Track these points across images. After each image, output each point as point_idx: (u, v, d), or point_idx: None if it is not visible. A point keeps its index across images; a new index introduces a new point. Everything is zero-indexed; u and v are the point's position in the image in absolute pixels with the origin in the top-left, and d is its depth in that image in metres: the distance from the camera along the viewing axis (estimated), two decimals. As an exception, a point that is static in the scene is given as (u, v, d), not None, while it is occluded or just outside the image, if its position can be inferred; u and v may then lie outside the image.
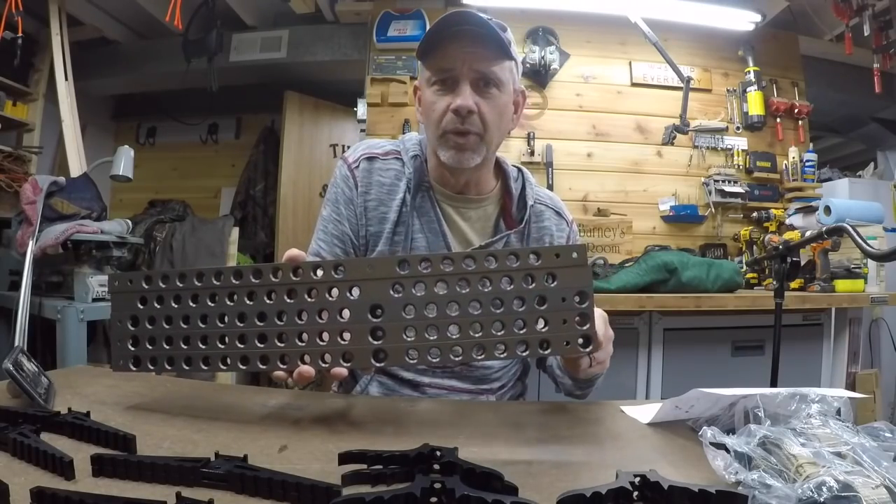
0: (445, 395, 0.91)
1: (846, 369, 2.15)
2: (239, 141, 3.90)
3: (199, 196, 3.74)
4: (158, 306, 0.65)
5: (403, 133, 2.65)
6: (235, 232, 2.96)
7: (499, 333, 0.61)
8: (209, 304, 0.64)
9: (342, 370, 0.61)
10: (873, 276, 2.24)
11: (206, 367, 0.63)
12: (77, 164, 2.54)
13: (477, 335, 0.61)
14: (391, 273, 0.62)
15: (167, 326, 0.65)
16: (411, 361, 0.61)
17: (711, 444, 0.50)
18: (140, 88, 3.65)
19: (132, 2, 2.89)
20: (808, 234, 1.77)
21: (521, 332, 0.61)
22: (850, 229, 1.07)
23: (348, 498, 0.42)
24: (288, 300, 0.63)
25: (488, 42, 0.83)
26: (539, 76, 2.77)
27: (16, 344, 1.70)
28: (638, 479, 0.43)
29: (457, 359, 0.61)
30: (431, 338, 0.61)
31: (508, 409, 0.70)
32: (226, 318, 0.64)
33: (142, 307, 0.66)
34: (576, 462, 0.56)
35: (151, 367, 0.65)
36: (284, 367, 0.62)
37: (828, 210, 2.24)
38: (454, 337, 0.61)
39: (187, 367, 0.64)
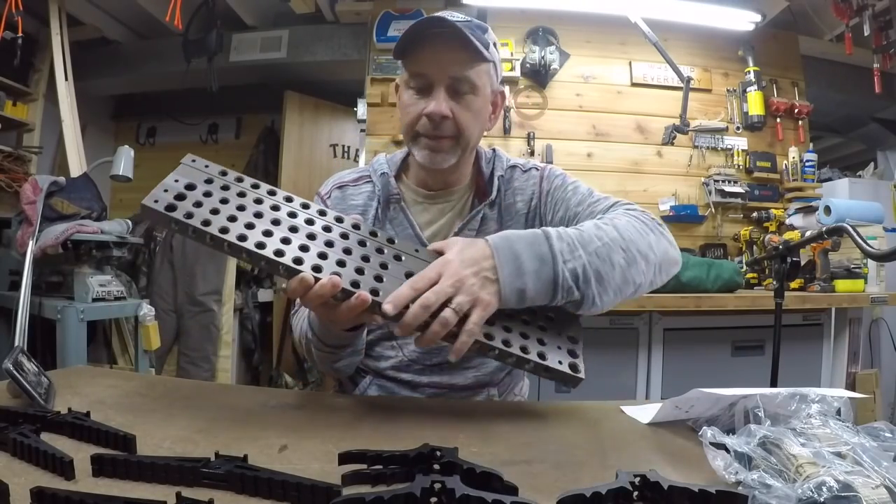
0: (445, 393, 0.91)
1: (846, 369, 2.15)
2: (239, 141, 3.90)
3: (200, 196, 3.74)
4: (222, 190, 0.69)
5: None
6: (236, 232, 2.96)
7: (506, 331, 0.68)
8: (269, 209, 0.69)
9: (367, 297, 0.63)
10: (873, 276, 2.24)
11: (238, 242, 0.64)
12: (77, 164, 2.54)
13: (487, 325, 0.66)
14: (431, 259, 0.71)
15: (220, 203, 0.67)
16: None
17: (711, 444, 0.50)
18: (140, 88, 3.65)
19: (132, 2, 2.89)
20: (808, 234, 1.76)
21: (525, 339, 0.68)
22: (850, 229, 1.07)
23: (348, 498, 0.42)
24: (340, 238, 0.70)
25: (464, 46, 0.83)
26: (539, 76, 2.77)
27: (16, 344, 1.70)
28: (638, 479, 0.43)
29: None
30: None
31: (508, 408, 0.70)
32: (279, 223, 0.68)
33: (206, 184, 0.70)
34: (576, 462, 0.56)
35: (182, 219, 0.65)
36: (317, 274, 0.63)
37: (828, 210, 2.24)
38: None
39: (220, 234, 0.64)
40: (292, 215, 0.70)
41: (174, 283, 2.90)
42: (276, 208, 0.70)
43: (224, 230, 0.64)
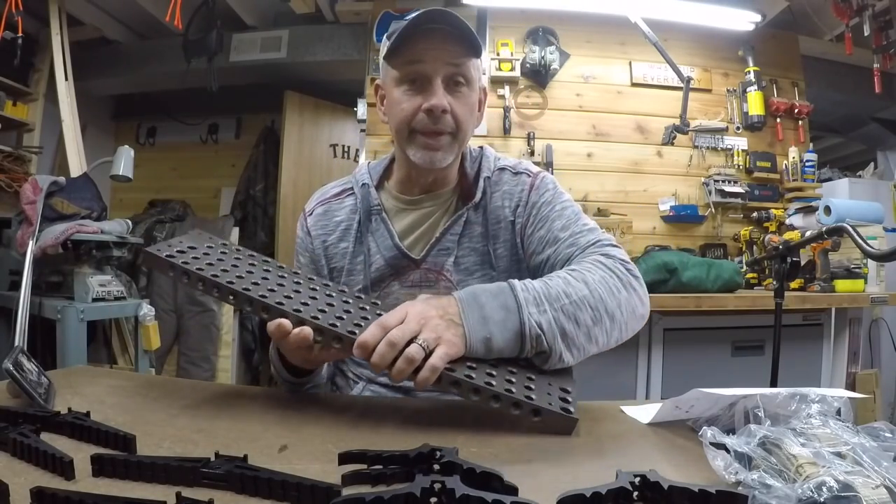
0: (437, 396, 0.91)
1: (846, 369, 2.15)
2: (239, 141, 3.90)
3: (199, 196, 3.74)
4: (220, 253, 0.78)
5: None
6: (235, 232, 2.97)
7: (490, 376, 0.65)
8: (262, 270, 0.76)
9: (335, 353, 0.68)
10: (873, 276, 2.24)
11: (227, 284, 0.70)
12: (77, 164, 2.54)
13: (469, 368, 0.66)
14: None
15: (217, 261, 0.75)
16: None
17: (711, 444, 0.50)
18: (140, 88, 3.65)
19: (132, 2, 2.89)
20: (808, 234, 1.77)
21: (510, 384, 0.65)
22: (850, 229, 1.07)
23: (348, 498, 0.42)
24: (325, 296, 0.74)
25: (459, 39, 0.83)
26: (539, 76, 2.77)
27: (16, 344, 1.70)
28: (638, 479, 0.43)
29: (450, 373, 0.64)
30: None
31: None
32: (267, 279, 0.73)
33: (206, 248, 0.78)
34: (576, 462, 0.56)
35: (181, 264, 0.71)
36: (299, 314, 0.67)
37: (828, 210, 2.24)
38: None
39: (210, 278, 0.70)
40: (281, 276, 0.76)
41: (174, 283, 2.90)
42: (267, 271, 0.76)
43: (215, 276, 0.71)
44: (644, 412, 0.70)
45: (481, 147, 1.00)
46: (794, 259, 2.09)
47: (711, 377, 2.02)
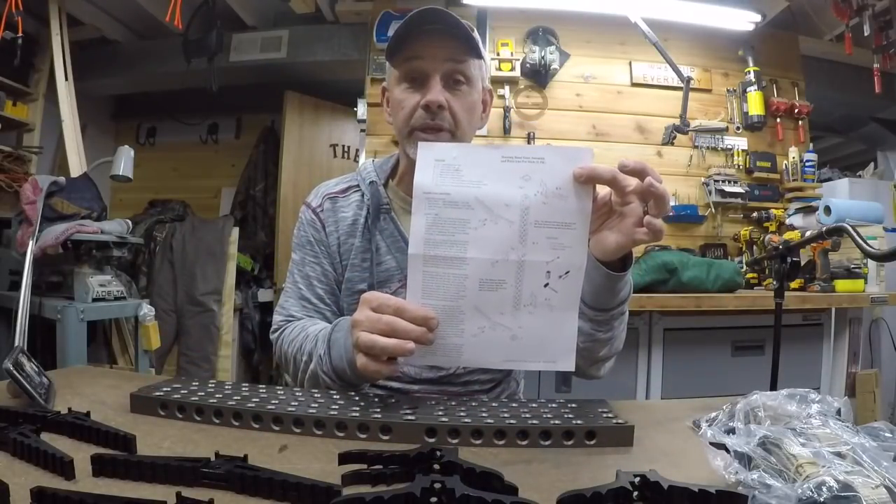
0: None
1: (846, 369, 2.15)
2: (239, 141, 3.90)
3: (199, 196, 3.75)
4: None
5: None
6: (235, 232, 2.97)
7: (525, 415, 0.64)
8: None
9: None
10: (873, 276, 2.24)
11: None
12: (77, 164, 2.54)
13: (505, 417, 0.63)
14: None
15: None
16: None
17: (711, 444, 0.50)
18: (140, 88, 3.65)
19: (132, 2, 2.89)
20: (808, 234, 1.77)
21: (550, 418, 0.63)
22: (850, 229, 1.07)
23: (348, 498, 0.42)
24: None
25: (458, 39, 0.84)
26: (539, 76, 2.77)
27: (16, 344, 1.70)
28: (638, 479, 0.43)
29: (490, 423, 0.61)
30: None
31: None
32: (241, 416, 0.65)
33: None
34: (576, 462, 0.56)
35: (178, 415, 0.66)
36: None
37: (828, 210, 2.24)
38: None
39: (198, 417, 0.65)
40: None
41: (174, 283, 2.90)
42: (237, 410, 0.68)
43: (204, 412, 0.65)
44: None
45: None
46: (794, 259, 2.08)
47: (711, 377, 2.02)
